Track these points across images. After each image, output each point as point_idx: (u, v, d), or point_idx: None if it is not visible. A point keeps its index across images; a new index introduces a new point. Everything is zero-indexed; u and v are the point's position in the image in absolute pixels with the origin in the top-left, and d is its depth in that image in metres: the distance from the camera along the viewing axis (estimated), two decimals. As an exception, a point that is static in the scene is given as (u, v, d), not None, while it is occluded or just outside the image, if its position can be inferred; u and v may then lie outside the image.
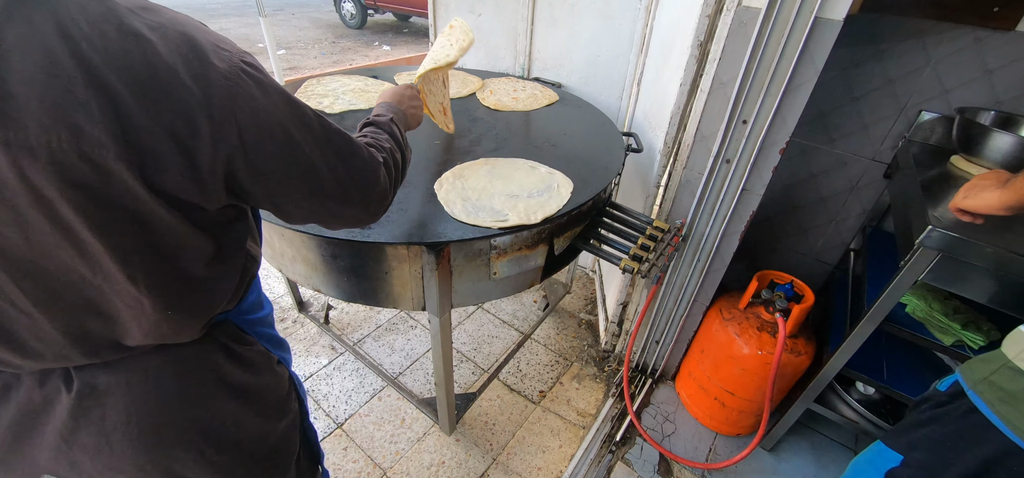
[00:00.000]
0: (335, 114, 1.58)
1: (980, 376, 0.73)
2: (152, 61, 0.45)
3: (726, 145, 1.27)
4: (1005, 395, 0.69)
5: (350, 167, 0.66)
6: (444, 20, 2.31)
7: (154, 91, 0.45)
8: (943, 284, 1.07)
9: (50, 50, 0.40)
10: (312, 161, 0.60)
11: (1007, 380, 0.70)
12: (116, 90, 0.43)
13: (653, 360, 1.86)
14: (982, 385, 0.71)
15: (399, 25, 9.84)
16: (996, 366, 0.72)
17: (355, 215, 0.71)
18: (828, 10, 1.02)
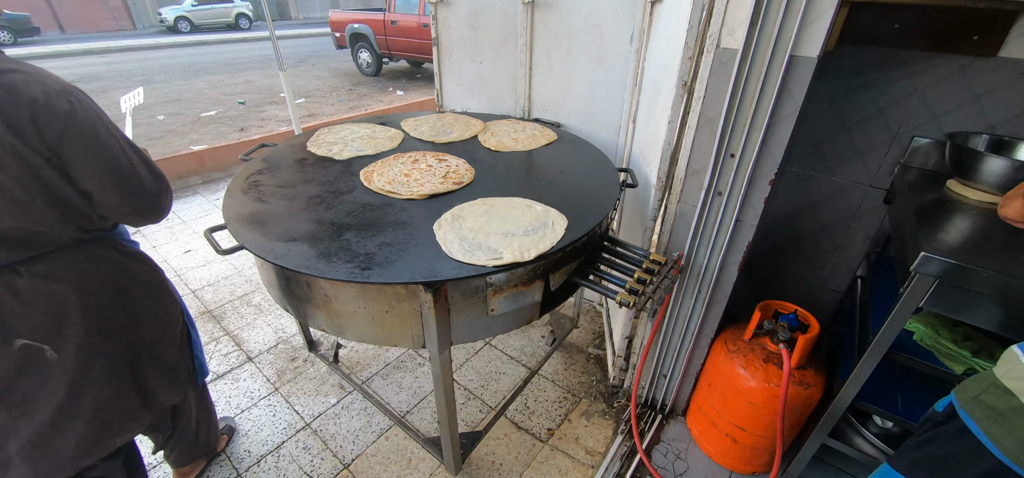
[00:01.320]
0: (343, 160, 1.68)
1: (971, 395, 0.73)
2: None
3: (716, 178, 1.30)
4: (993, 414, 0.69)
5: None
6: (448, 67, 2.44)
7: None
8: (947, 311, 1.05)
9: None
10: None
11: (995, 399, 0.70)
12: None
13: (662, 395, 1.82)
14: (972, 404, 0.72)
15: (412, 71, 10.32)
16: (986, 385, 0.72)
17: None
18: (802, 48, 1.07)
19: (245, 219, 1.28)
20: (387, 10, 8.72)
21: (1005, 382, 0.70)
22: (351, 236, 1.19)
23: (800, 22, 1.04)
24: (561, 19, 1.99)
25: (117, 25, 18.79)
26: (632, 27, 1.82)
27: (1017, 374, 0.70)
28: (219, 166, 4.34)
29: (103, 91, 8.03)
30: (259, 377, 2.09)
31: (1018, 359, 0.71)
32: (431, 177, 1.52)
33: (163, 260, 3.00)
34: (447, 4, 2.26)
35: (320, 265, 1.07)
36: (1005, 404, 0.69)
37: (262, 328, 2.39)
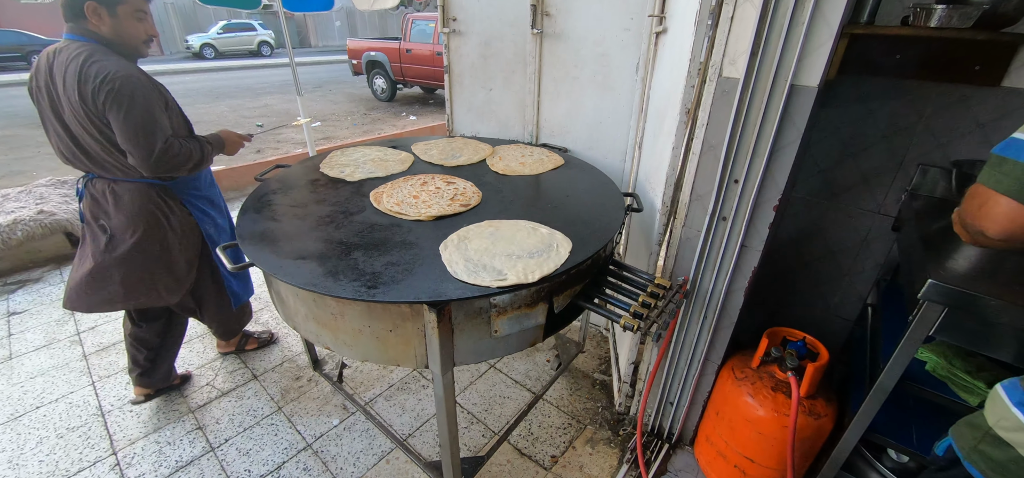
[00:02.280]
0: (355, 182, 1.72)
1: (971, 444, 0.71)
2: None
3: (721, 204, 1.31)
4: (995, 466, 0.68)
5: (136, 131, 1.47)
6: (459, 93, 2.51)
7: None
8: (959, 341, 1.04)
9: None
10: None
11: (993, 449, 0.69)
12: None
13: (669, 423, 1.79)
14: (974, 455, 0.70)
15: (425, 97, 10.59)
16: (981, 433, 0.70)
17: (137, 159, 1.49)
18: (802, 78, 1.09)
19: (257, 237, 1.32)
20: (403, 39, 9.03)
21: (999, 432, 0.68)
22: (359, 255, 1.21)
23: (800, 53, 1.07)
24: (569, 48, 2.05)
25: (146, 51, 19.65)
26: (638, 56, 1.87)
27: (1009, 424, 0.68)
28: (235, 186, 4.46)
29: (129, 114, 8.34)
30: (263, 395, 2.09)
31: (1007, 407, 0.69)
32: (439, 199, 1.55)
33: (176, 277, 3.06)
34: (459, 34, 2.34)
35: (327, 283, 1.09)
36: (1004, 455, 0.68)
37: (268, 346, 2.40)
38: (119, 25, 1.49)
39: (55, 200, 3.41)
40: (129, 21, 1.50)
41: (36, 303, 2.74)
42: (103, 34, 1.48)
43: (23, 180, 4.71)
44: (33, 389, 2.11)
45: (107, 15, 1.45)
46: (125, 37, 1.52)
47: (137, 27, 1.53)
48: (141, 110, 1.43)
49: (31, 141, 6.52)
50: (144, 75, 1.51)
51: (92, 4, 1.42)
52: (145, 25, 1.56)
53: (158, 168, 1.51)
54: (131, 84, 1.42)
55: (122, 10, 1.47)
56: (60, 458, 1.79)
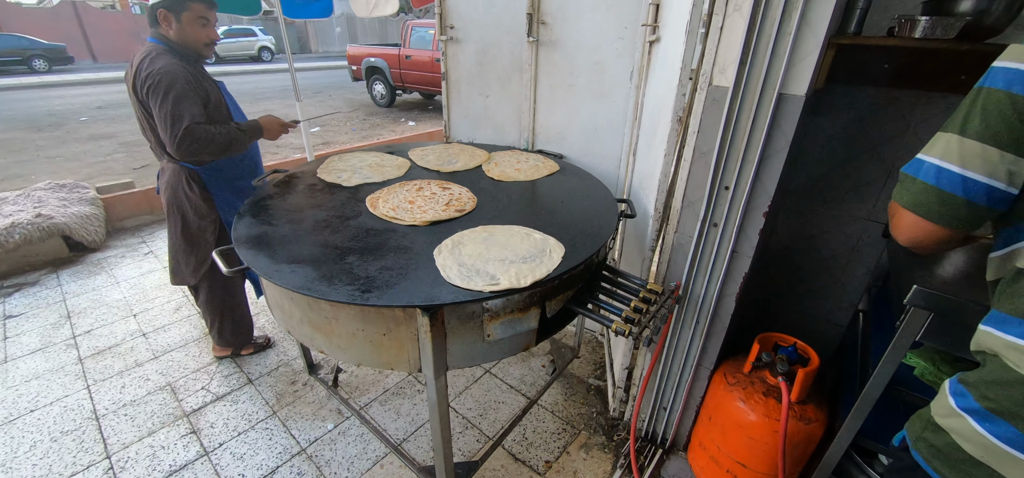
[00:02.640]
0: (351, 187, 1.73)
1: (917, 432, 0.76)
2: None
3: (712, 210, 1.33)
4: (935, 451, 0.72)
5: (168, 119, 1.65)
6: (456, 100, 2.53)
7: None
8: (945, 346, 1.05)
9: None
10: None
11: (933, 436, 0.73)
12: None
13: (662, 428, 1.79)
14: (919, 443, 0.76)
15: (424, 103, 10.64)
16: (925, 422, 0.75)
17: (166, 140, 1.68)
18: (790, 87, 1.11)
19: (253, 241, 1.33)
20: (402, 45, 9.09)
21: (937, 419, 0.73)
22: (354, 260, 1.22)
23: (787, 62, 1.09)
24: (564, 56, 2.08)
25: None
26: (632, 65, 1.89)
27: (945, 412, 0.72)
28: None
29: (129, 117, 8.38)
30: (258, 400, 2.09)
31: (946, 397, 0.73)
32: (434, 204, 1.57)
33: (173, 281, 3.07)
34: (457, 41, 2.37)
35: (321, 287, 1.10)
36: (941, 441, 0.72)
37: (264, 351, 2.41)
38: (183, 30, 1.70)
39: (53, 204, 3.42)
40: (192, 26, 1.71)
41: (32, 307, 2.74)
42: (171, 37, 1.71)
43: (21, 184, 4.72)
44: (28, 392, 2.11)
45: (174, 21, 1.68)
46: (188, 40, 1.72)
47: (199, 32, 1.74)
48: (172, 100, 1.61)
49: (30, 144, 6.54)
50: (187, 72, 1.69)
51: (162, 12, 1.66)
52: (207, 30, 1.76)
53: (181, 149, 1.64)
54: (168, 78, 1.61)
55: (185, 17, 1.68)
56: (53, 462, 1.79)
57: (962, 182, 0.68)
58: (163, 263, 3.29)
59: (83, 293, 2.90)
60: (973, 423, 0.68)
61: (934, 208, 0.71)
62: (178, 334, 2.53)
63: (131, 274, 3.14)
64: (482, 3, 2.20)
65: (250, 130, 1.85)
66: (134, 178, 4.70)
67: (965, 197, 0.68)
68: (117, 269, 3.20)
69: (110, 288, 2.97)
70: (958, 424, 0.70)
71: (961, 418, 0.70)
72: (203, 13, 1.71)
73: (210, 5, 1.74)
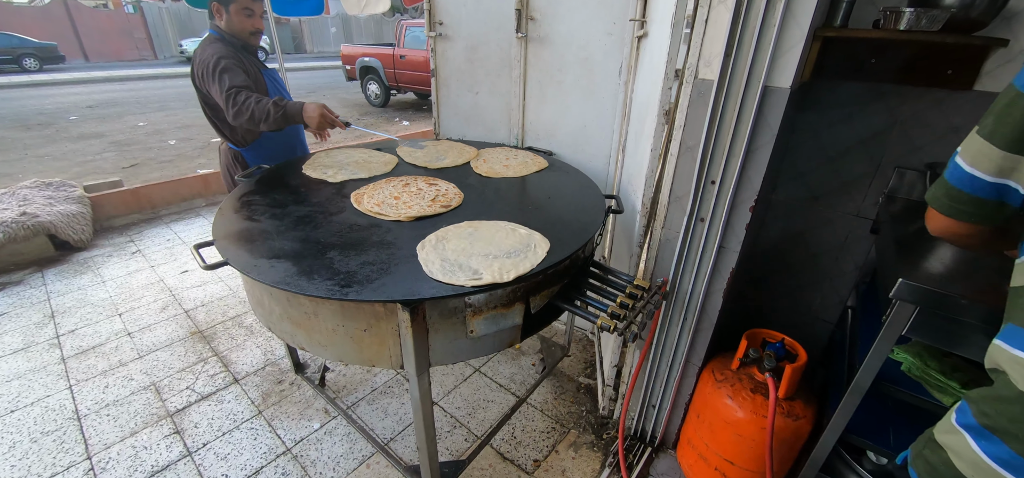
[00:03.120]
0: (336, 183, 1.71)
1: (917, 450, 0.75)
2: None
3: (698, 204, 1.32)
4: (930, 469, 0.71)
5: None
6: (446, 97, 2.52)
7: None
8: (932, 340, 1.04)
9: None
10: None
11: (931, 453, 0.72)
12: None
13: (651, 426, 1.78)
14: (918, 460, 0.75)
15: (418, 102, 10.61)
16: (926, 438, 0.74)
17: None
18: (775, 79, 1.10)
19: (233, 236, 1.30)
20: (397, 45, 9.06)
21: (937, 436, 0.72)
22: (335, 255, 1.20)
23: (772, 54, 1.08)
24: (554, 53, 2.07)
25: (139, 55, 19.61)
26: (620, 61, 1.88)
27: (945, 427, 0.71)
28: (223, 190, 4.42)
29: (119, 116, 8.31)
30: (243, 399, 2.06)
31: (950, 412, 0.72)
32: (420, 200, 1.55)
33: (160, 279, 3.03)
34: (446, 38, 2.35)
35: (300, 282, 1.08)
36: (937, 459, 0.70)
37: (251, 350, 2.38)
38: (231, 20, 1.87)
39: (39, 202, 3.37)
40: (238, 17, 1.88)
41: (15, 306, 2.70)
42: (222, 28, 1.89)
43: (7, 183, 4.65)
44: (8, 393, 2.07)
45: (224, 12, 1.86)
46: (236, 29, 1.90)
47: (245, 22, 1.90)
48: (218, 72, 1.79)
49: (18, 143, 6.45)
50: (232, 53, 1.87)
51: (215, 4, 1.86)
52: (252, 20, 1.91)
53: (230, 108, 1.77)
54: (214, 58, 1.81)
55: (233, 8, 1.86)
56: (33, 463, 1.75)
57: (970, 180, 0.70)
58: (150, 262, 3.25)
59: (68, 292, 2.86)
60: (969, 440, 0.66)
61: (944, 202, 0.74)
62: (164, 333, 2.49)
63: (117, 273, 3.10)
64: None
65: (291, 109, 1.80)
66: (123, 177, 4.64)
67: (970, 193, 0.70)
68: (103, 268, 3.16)
69: (96, 287, 2.92)
70: (955, 441, 0.68)
71: (958, 435, 0.68)
72: (248, 4, 1.89)
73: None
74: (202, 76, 1.85)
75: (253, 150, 2.06)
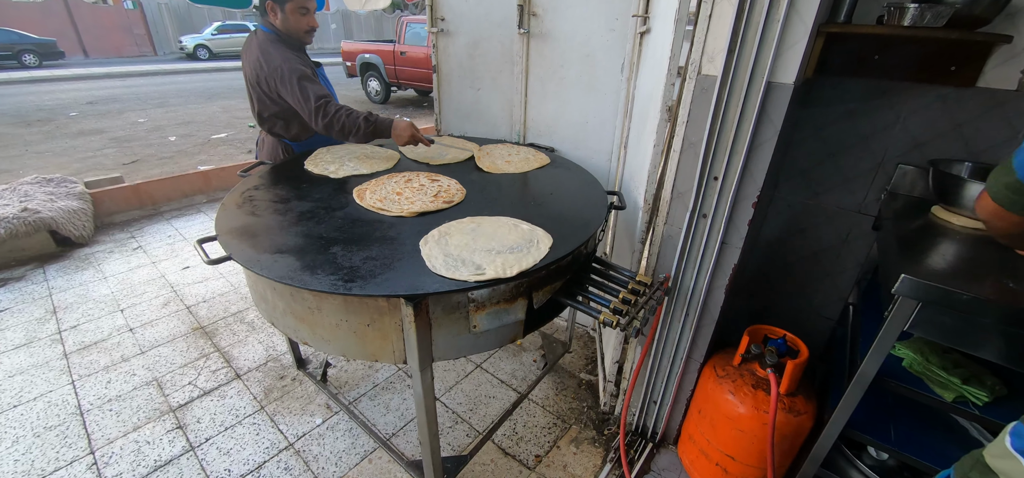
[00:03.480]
0: (339, 178, 1.72)
1: (965, 471, 0.75)
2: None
3: (701, 200, 1.32)
4: None
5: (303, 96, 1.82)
6: (447, 93, 2.51)
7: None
8: (933, 336, 1.04)
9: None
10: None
11: (980, 476, 0.71)
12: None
13: (652, 422, 1.78)
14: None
15: (419, 99, 10.59)
16: (973, 462, 0.73)
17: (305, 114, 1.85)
18: (779, 75, 1.10)
19: (236, 231, 1.31)
20: (397, 41, 9.03)
21: (988, 459, 0.71)
22: (338, 250, 1.20)
23: (775, 50, 1.08)
24: (556, 49, 2.06)
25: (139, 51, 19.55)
26: (623, 57, 1.88)
27: (999, 452, 0.70)
28: (224, 186, 4.43)
29: (119, 112, 8.29)
30: (246, 395, 2.07)
31: (1004, 436, 0.71)
32: (422, 196, 1.55)
33: (161, 275, 3.03)
34: (447, 34, 2.35)
35: (304, 276, 1.08)
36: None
37: (253, 345, 2.38)
38: (286, 19, 1.86)
39: (40, 198, 3.37)
40: (294, 16, 1.86)
41: (17, 301, 2.70)
42: (276, 26, 1.88)
43: (8, 178, 4.65)
44: (11, 388, 2.07)
45: (279, 11, 1.85)
46: (291, 29, 1.88)
47: (301, 21, 1.89)
48: (297, 84, 1.79)
49: (18, 140, 6.45)
50: (303, 61, 1.89)
51: (270, 3, 1.84)
52: (307, 18, 1.90)
53: (321, 120, 1.77)
54: (288, 66, 1.81)
55: (289, 7, 1.84)
56: (36, 457, 1.76)
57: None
58: (152, 258, 3.25)
59: (70, 288, 2.86)
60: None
61: (1003, 194, 0.74)
62: (166, 329, 2.50)
63: (119, 269, 3.10)
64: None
65: (379, 123, 1.83)
66: (124, 173, 4.64)
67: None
68: (105, 264, 3.16)
69: (97, 283, 2.93)
70: (1009, 466, 0.67)
71: (1014, 460, 0.67)
72: (304, 3, 1.88)
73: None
74: (271, 79, 1.82)
75: (305, 143, 2.08)
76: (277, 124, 2.00)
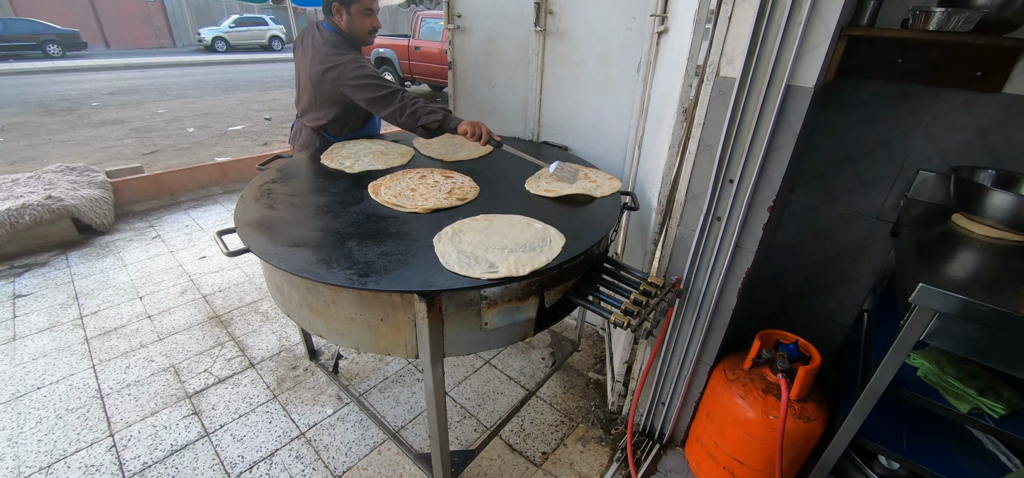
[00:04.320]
0: (354, 173, 1.74)
1: None
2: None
3: (715, 203, 1.31)
4: None
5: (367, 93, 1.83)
6: (462, 90, 2.52)
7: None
8: (950, 347, 1.02)
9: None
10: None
11: None
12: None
13: (660, 423, 1.78)
14: None
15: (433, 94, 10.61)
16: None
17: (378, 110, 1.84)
18: (799, 79, 1.09)
19: (254, 224, 1.33)
20: (412, 36, 9.07)
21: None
22: (353, 245, 1.22)
23: (796, 53, 1.06)
24: (571, 47, 2.06)
25: (158, 43, 19.90)
26: (639, 56, 1.87)
27: None
28: (240, 177, 4.50)
29: (139, 103, 8.46)
30: (259, 384, 2.11)
31: None
32: (436, 192, 1.56)
33: (179, 264, 3.10)
34: (464, 30, 2.35)
35: (320, 270, 1.10)
36: None
37: (267, 335, 2.43)
38: (352, 21, 1.91)
39: (64, 186, 3.46)
40: (359, 17, 1.91)
41: (41, 286, 2.79)
42: (341, 26, 1.92)
43: (33, 166, 4.78)
44: (35, 370, 2.15)
45: (345, 13, 1.90)
46: (355, 29, 1.93)
47: (364, 21, 1.93)
48: (375, 87, 1.79)
49: (42, 128, 6.62)
50: (367, 62, 1.90)
51: (336, 5, 1.88)
52: (371, 19, 1.95)
53: (402, 117, 1.76)
54: (358, 67, 1.83)
55: (354, 9, 1.89)
56: (58, 438, 1.82)
57: None
58: (170, 247, 3.33)
59: (91, 275, 2.94)
60: None
61: None
62: (183, 317, 2.56)
63: (138, 257, 3.18)
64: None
65: (448, 119, 1.79)
66: (143, 163, 4.74)
67: None
68: (125, 252, 3.24)
69: (117, 270, 3.00)
70: None
71: None
72: (368, 5, 1.92)
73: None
74: (339, 80, 1.83)
75: (339, 138, 2.12)
76: (322, 118, 2.02)
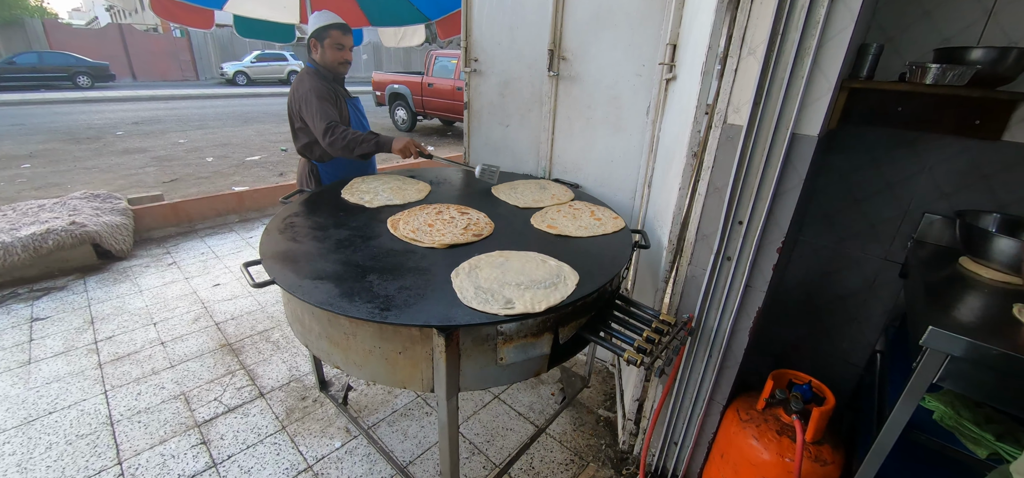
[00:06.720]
0: (373, 208, 1.80)
1: None
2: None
3: (725, 244, 1.34)
4: None
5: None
6: (477, 128, 2.62)
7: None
8: (963, 390, 1.03)
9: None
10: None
11: None
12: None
13: (673, 464, 1.75)
14: None
15: (444, 129, 10.92)
16: (1000, 475, 0.71)
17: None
18: (803, 127, 1.14)
19: (279, 256, 1.38)
20: (425, 73, 9.42)
21: (1015, 474, 0.72)
22: (374, 278, 1.26)
23: (800, 104, 1.12)
24: (583, 91, 2.15)
25: (183, 76, 20.75)
26: (648, 100, 1.95)
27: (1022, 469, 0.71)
28: (256, 207, 4.62)
29: (161, 133, 8.77)
30: (268, 414, 2.11)
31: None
32: (453, 228, 1.61)
33: (193, 291, 3.15)
34: (480, 73, 2.47)
35: (343, 303, 1.14)
36: None
37: (277, 365, 2.44)
38: (324, 53, 2.16)
39: (87, 212, 3.58)
40: (331, 50, 2.16)
41: (59, 310, 2.84)
42: (317, 60, 2.17)
43: (59, 192, 4.95)
44: (48, 394, 2.17)
45: (319, 47, 2.15)
46: (327, 62, 2.17)
47: (336, 54, 2.17)
48: (316, 107, 2.07)
49: (68, 155, 6.87)
50: (326, 87, 2.15)
51: (313, 40, 2.15)
52: (342, 53, 2.19)
53: (326, 140, 2.04)
54: (313, 93, 2.09)
55: (326, 43, 2.14)
56: (67, 464, 1.82)
57: None
58: (185, 274, 3.39)
59: (107, 299, 3.00)
60: None
61: None
62: (195, 344, 2.59)
63: (154, 283, 3.24)
64: (505, 38, 2.31)
65: (382, 141, 2.11)
66: (163, 190, 4.89)
67: None
68: (141, 278, 3.31)
69: (133, 296, 3.06)
70: None
71: None
72: (339, 40, 2.16)
73: (344, 32, 2.18)
74: (300, 107, 2.13)
75: (330, 165, 2.32)
76: (306, 147, 2.26)
